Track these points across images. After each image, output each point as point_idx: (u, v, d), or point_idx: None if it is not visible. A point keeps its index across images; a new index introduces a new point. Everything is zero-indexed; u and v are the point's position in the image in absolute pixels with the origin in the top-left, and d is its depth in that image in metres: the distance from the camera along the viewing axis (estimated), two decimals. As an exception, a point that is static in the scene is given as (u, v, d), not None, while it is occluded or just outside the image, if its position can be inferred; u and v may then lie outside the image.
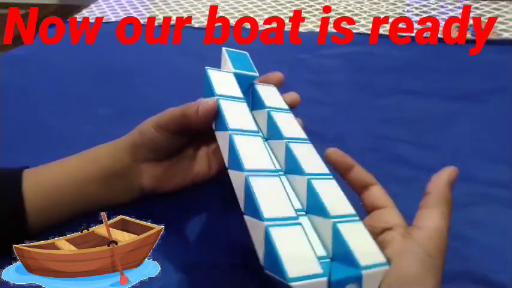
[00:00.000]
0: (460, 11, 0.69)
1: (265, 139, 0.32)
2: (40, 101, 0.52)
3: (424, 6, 0.72)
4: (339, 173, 0.29)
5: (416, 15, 0.69)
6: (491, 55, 0.57)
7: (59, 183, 0.32)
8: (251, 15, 0.72)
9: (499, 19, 0.66)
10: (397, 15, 0.69)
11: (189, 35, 0.67)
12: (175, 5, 0.77)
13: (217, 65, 0.35)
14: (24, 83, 0.55)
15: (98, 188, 0.33)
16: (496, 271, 0.31)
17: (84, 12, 0.76)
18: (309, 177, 0.27)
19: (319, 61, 0.58)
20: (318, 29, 0.66)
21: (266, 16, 0.71)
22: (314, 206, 0.26)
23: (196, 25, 0.69)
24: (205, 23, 0.70)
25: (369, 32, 0.64)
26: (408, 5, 0.73)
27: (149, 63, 0.60)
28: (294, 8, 0.74)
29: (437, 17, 0.68)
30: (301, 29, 0.66)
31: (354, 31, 0.64)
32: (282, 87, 0.37)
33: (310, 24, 0.68)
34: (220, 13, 0.73)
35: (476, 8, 0.70)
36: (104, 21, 0.72)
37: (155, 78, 0.56)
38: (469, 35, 0.62)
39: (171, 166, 0.34)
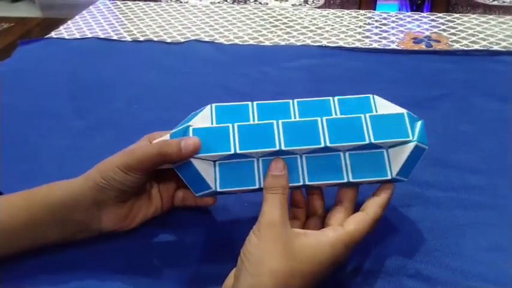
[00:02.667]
0: (418, 22, 0.74)
1: None
2: (14, 115, 0.55)
3: (384, 19, 0.76)
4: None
5: (376, 27, 0.73)
6: (441, 64, 0.61)
7: (10, 226, 0.32)
8: (221, 29, 0.76)
9: (452, 31, 0.70)
10: (358, 28, 0.73)
11: (161, 50, 0.70)
12: (149, 21, 0.81)
13: (188, 79, 0.37)
14: (1, 100, 0.58)
15: (51, 230, 0.33)
16: (427, 266, 0.34)
17: (61, 29, 0.78)
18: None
19: (281, 73, 0.61)
20: (282, 43, 0.70)
21: (234, 31, 0.75)
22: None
23: (169, 40, 0.73)
24: (178, 38, 0.73)
25: (331, 45, 0.68)
26: (369, 18, 0.77)
27: (121, 78, 0.62)
28: (261, 22, 0.77)
29: (394, 29, 0.72)
30: (267, 43, 0.70)
31: (316, 44, 0.68)
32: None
33: (276, 38, 0.71)
34: (192, 28, 0.77)
35: (432, 20, 0.74)
36: (79, 36, 0.75)
37: (127, 92, 0.59)
38: (423, 46, 0.66)
39: (133, 205, 0.34)
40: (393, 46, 0.67)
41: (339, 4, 1.06)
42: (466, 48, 0.64)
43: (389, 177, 0.33)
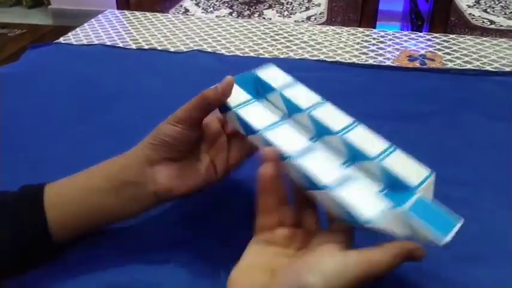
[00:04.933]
0: (414, 41, 0.76)
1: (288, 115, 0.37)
2: (19, 117, 0.57)
3: (382, 37, 0.78)
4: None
5: (374, 45, 0.75)
6: (434, 82, 0.63)
7: (71, 196, 0.34)
8: (223, 41, 0.78)
9: (446, 50, 0.72)
10: (356, 45, 0.75)
11: (164, 59, 0.72)
12: (155, 31, 0.83)
13: (189, 88, 0.39)
14: (6, 102, 0.60)
15: (108, 197, 0.34)
16: (406, 274, 0.36)
17: (70, 36, 0.81)
18: (340, 134, 0.32)
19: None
20: (281, 56, 0.72)
21: (235, 43, 0.77)
22: (356, 155, 0.31)
23: (172, 49, 0.75)
24: (182, 48, 0.75)
25: (328, 60, 0.70)
26: (367, 35, 0.79)
27: (125, 84, 0.65)
28: (262, 36, 0.80)
29: (391, 47, 0.74)
30: (266, 55, 0.72)
31: (314, 58, 0.70)
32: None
33: (275, 51, 0.74)
34: (195, 39, 0.79)
35: (429, 40, 0.77)
36: (86, 43, 0.78)
37: (130, 100, 0.61)
38: (417, 64, 0.68)
39: (184, 167, 0.35)
40: (388, 63, 0.69)
41: (340, 22, 1.09)
42: (458, 68, 0.66)
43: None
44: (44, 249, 0.34)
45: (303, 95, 0.37)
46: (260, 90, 0.39)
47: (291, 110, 0.37)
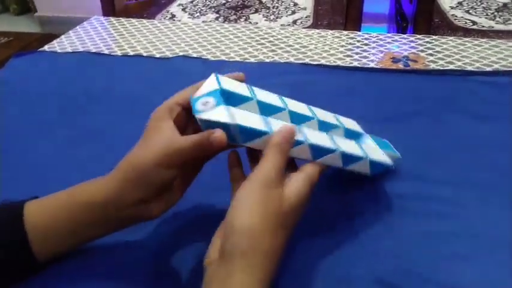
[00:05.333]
0: (397, 43, 0.77)
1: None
2: (2, 124, 0.56)
3: (366, 39, 0.79)
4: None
5: (358, 47, 0.76)
6: (417, 83, 0.64)
7: (53, 214, 0.33)
8: (209, 46, 0.78)
9: (429, 52, 0.73)
10: (341, 48, 0.76)
11: (149, 65, 0.72)
12: (140, 37, 0.83)
13: (173, 92, 0.38)
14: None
15: (93, 231, 0.34)
16: (389, 273, 0.36)
17: (54, 43, 0.81)
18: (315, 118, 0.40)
19: (264, 89, 0.63)
20: (267, 60, 0.72)
21: (219, 48, 0.78)
22: (327, 127, 0.40)
23: (158, 55, 0.75)
24: (168, 54, 0.76)
25: (313, 63, 0.71)
26: (352, 38, 0.80)
27: (109, 91, 0.64)
28: (248, 40, 0.80)
29: (375, 49, 0.75)
30: (252, 60, 0.73)
31: (300, 62, 0.71)
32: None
33: (261, 55, 0.74)
34: (181, 44, 0.79)
35: (412, 41, 0.78)
36: (71, 50, 0.78)
37: (113, 105, 0.61)
38: (401, 66, 0.69)
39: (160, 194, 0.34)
40: (372, 65, 0.70)
41: (326, 25, 1.10)
42: (441, 68, 0.67)
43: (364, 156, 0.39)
44: (27, 266, 0.33)
45: (270, 97, 0.39)
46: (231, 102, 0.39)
47: (267, 112, 0.37)
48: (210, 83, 0.36)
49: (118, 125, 0.56)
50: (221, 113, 0.32)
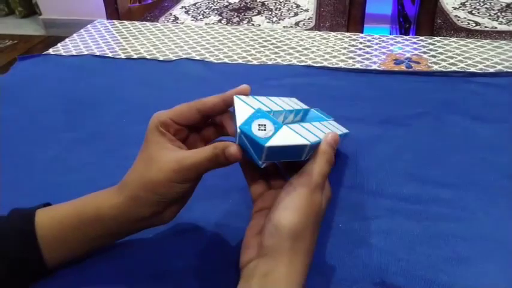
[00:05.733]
0: (400, 45, 0.77)
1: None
2: (7, 127, 0.57)
3: (368, 41, 0.79)
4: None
5: (360, 49, 0.76)
6: (419, 84, 0.64)
7: (64, 223, 0.33)
8: (212, 48, 0.79)
9: (432, 53, 0.73)
10: (343, 49, 0.76)
11: (152, 68, 0.73)
12: (144, 40, 0.84)
13: (177, 95, 0.38)
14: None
15: (104, 241, 0.35)
16: (392, 275, 0.36)
17: (59, 46, 0.82)
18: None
19: (267, 91, 0.64)
20: (269, 62, 0.73)
21: (223, 50, 0.78)
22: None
23: (161, 58, 0.76)
24: (171, 56, 0.76)
25: (316, 65, 0.71)
26: (354, 40, 0.80)
27: (113, 93, 0.65)
28: (251, 43, 0.81)
29: (377, 51, 0.75)
30: (254, 62, 0.73)
31: (302, 64, 0.71)
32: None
33: (263, 58, 0.74)
34: (184, 47, 0.80)
35: (414, 43, 0.78)
36: (75, 53, 0.78)
37: (117, 107, 0.61)
38: (403, 67, 0.69)
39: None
40: (375, 67, 0.70)
41: (329, 27, 1.10)
42: (443, 70, 0.67)
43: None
44: (37, 272, 0.34)
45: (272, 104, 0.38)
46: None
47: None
48: (241, 107, 0.33)
49: (122, 128, 0.57)
50: (291, 135, 0.31)
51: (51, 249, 0.33)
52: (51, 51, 0.80)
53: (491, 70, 0.66)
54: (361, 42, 0.79)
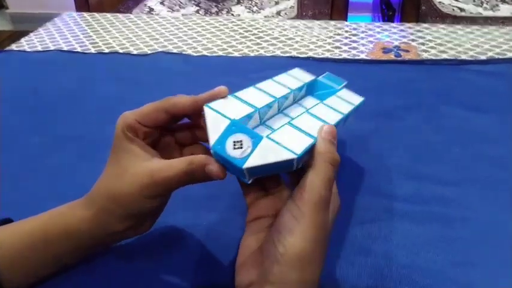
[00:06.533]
0: (387, 33, 0.74)
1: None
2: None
3: (354, 29, 0.76)
4: None
5: (346, 38, 0.73)
6: (410, 74, 0.61)
7: (25, 241, 0.30)
8: (190, 41, 0.74)
9: (420, 41, 0.70)
10: (328, 39, 0.73)
11: (126, 63, 0.68)
12: (116, 33, 0.78)
13: (154, 91, 0.33)
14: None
15: (72, 258, 0.32)
16: (395, 285, 0.33)
17: (23, 42, 0.75)
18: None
19: (249, 84, 0.60)
20: (251, 54, 0.68)
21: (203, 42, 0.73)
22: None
23: (135, 52, 0.71)
24: (146, 50, 0.71)
25: (300, 56, 0.67)
26: (339, 28, 0.77)
27: (84, 91, 0.60)
28: (231, 33, 0.76)
29: (364, 39, 0.72)
30: (236, 54, 0.69)
31: (286, 55, 0.67)
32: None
33: (245, 49, 0.70)
34: (160, 40, 0.75)
35: (402, 30, 0.75)
36: (41, 49, 0.72)
37: (89, 106, 0.56)
38: (392, 56, 0.66)
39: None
40: (363, 56, 0.66)
41: (311, 16, 1.06)
42: (434, 58, 0.64)
43: None
44: None
45: (255, 94, 0.34)
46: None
47: (263, 115, 0.33)
48: (213, 119, 0.29)
49: (96, 129, 0.52)
50: (273, 149, 0.26)
51: (11, 270, 0.30)
52: (14, 46, 0.74)
53: (483, 57, 0.64)
54: (346, 31, 0.75)
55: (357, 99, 0.41)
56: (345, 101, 0.39)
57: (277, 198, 0.30)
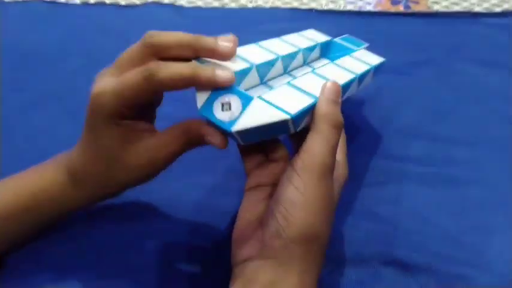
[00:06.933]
0: (395, -17, 0.69)
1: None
2: None
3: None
4: None
5: (351, -12, 0.67)
6: (420, 27, 0.57)
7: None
8: (183, -9, 0.68)
9: (431, -9, 0.65)
10: (332, -11, 0.67)
11: (114, 15, 0.62)
12: (102, -18, 0.72)
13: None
14: None
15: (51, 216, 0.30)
16: (406, 252, 0.31)
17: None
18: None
19: (248, 38, 0.55)
20: (250, 5, 0.63)
21: (198, -8, 0.68)
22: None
23: (123, 3, 0.65)
24: (135, 1, 0.65)
25: (302, 7, 0.62)
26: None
27: (68, 46, 0.56)
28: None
29: (371, -10, 0.66)
30: (232, 5, 0.63)
31: (287, 6, 0.62)
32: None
33: (242, 0, 0.65)
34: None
35: (411, -20, 0.69)
36: (21, 0, 0.66)
37: (73, 62, 0.53)
38: (401, 8, 0.61)
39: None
40: (369, 8, 0.62)
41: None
42: (446, 10, 0.60)
43: None
44: None
45: (256, 50, 0.31)
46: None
47: (264, 73, 0.30)
48: None
49: (81, 87, 0.47)
50: (265, 109, 0.23)
51: None
52: (-9, -4, 0.68)
53: (498, 9, 0.59)
54: (352, -19, 0.70)
55: (375, 60, 0.38)
56: (360, 61, 0.35)
57: (279, 166, 0.27)
